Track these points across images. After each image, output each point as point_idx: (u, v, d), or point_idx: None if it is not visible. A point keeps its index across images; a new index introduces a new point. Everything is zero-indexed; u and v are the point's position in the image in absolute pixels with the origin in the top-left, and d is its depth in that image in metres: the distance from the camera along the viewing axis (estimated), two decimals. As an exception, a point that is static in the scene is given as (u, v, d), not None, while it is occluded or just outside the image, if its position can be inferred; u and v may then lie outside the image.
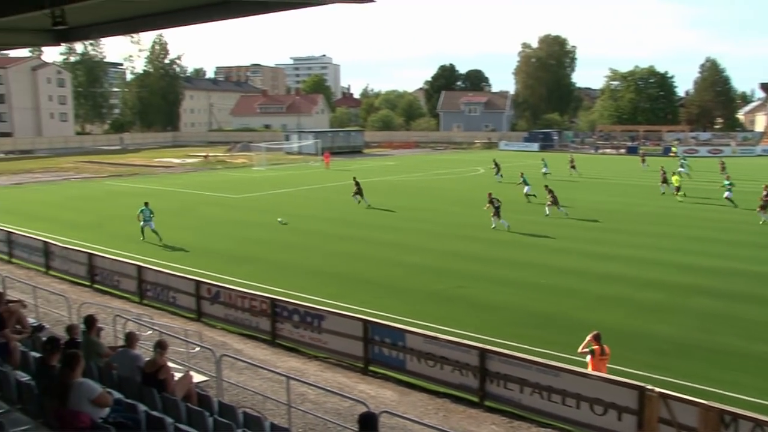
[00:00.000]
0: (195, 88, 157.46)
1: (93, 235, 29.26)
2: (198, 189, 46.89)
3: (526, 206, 36.87)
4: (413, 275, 21.93)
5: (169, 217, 34.79)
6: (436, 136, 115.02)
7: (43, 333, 12.44)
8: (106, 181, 54.55)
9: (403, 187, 47.49)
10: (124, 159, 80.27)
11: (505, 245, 26.57)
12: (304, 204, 38.95)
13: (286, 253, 25.46)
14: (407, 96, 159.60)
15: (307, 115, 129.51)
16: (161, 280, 19.04)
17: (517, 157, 77.23)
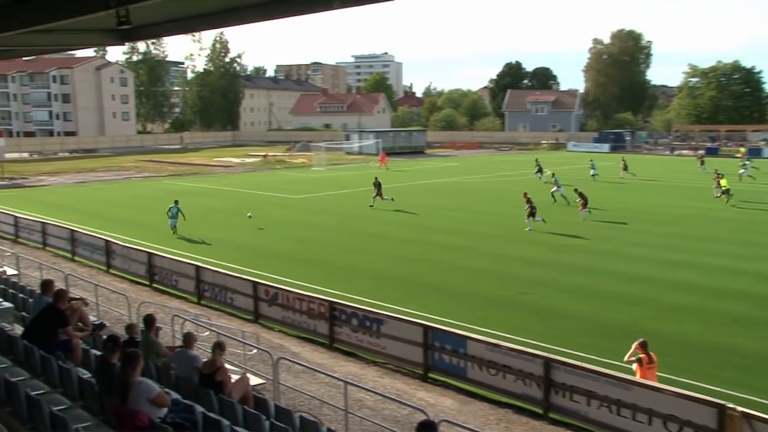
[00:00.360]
0: (255, 86, 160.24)
1: (153, 234, 30.06)
2: (257, 189, 47.67)
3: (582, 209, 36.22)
4: (475, 280, 21.79)
5: (227, 216, 35.51)
6: (500, 137, 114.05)
7: (103, 331, 12.84)
8: (166, 180, 56.00)
9: (466, 189, 47.22)
10: (184, 158, 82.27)
11: (570, 250, 26.14)
12: (363, 205, 39.11)
13: (346, 256, 25.62)
14: (471, 95, 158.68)
15: (368, 114, 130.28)
16: (219, 281, 19.42)
17: (586, 159, 75.77)
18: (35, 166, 71.09)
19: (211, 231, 31.10)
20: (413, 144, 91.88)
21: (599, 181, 49.89)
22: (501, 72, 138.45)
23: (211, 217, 35.25)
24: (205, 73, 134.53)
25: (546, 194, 39.02)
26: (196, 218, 34.80)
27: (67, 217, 33.98)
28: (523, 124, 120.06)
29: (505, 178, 54.66)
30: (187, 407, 8.91)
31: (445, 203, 39.35)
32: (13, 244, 28.27)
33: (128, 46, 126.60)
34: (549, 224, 30.96)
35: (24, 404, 8.36)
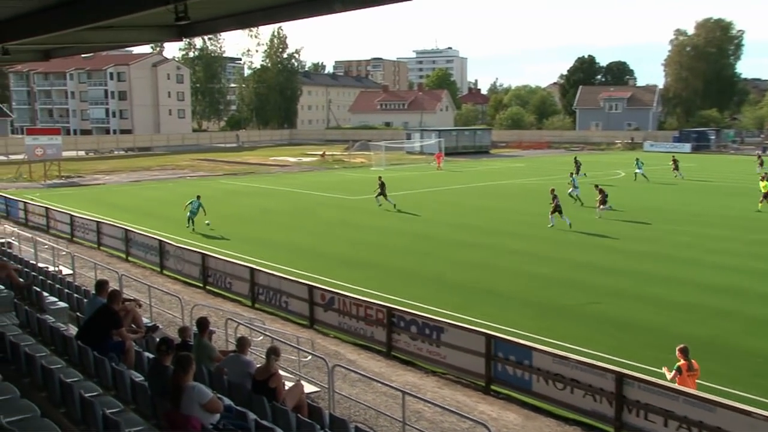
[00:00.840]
0: (313, 83, 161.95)
1: (207, 235, 30.65)
2: (313, 189, 48.12)
3: (648, 213, 35.39)
4: (542, 287, 21.53)
5: (281, 217, 35.97)
6: (571, 136, 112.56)
7: (156, 334, 13.15)
8: (221, 179, 57.04)
9: (532, 191, 46.68)
10: (239, 157, 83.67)
11: (645, 257, 25.58)
12: (424, 207, 39.09)
13: (405, 259, 25.64)
14: (539, 92, 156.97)
15: (431, 112, 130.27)
16: (274, 284, 19.65)
17: (664, 159, 74.09)
18: (91, 164, 73.37)
19: (266, 232, 31.55)
20: (477, 143, 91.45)
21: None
22: (572, 67, 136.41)
23: (265, 218, 35.76)
24: (262, 70, 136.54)
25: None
26: (250, 219, 35.38)
27: (122, 216, 34.97)
28: (595, 122, 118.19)
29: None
30: (240, 414, 9.04)
31: (509, 206, 39.02)
32: (69, 244, 29.21)
33: (185, 42, 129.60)
34: (622, 230, 30.38)
35: (78, 406, 8.62)
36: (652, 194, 44.53)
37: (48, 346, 11.58)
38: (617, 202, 38.03)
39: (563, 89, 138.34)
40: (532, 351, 13.60)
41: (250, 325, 15.76)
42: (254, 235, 30.72)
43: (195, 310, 16.78)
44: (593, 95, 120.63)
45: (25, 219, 35.20)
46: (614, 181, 52.58)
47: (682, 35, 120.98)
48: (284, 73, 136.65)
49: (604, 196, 35.09)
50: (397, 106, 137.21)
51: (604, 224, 32.63)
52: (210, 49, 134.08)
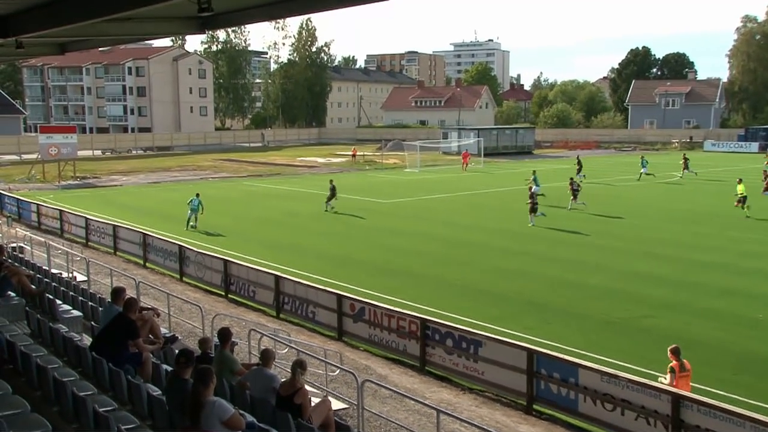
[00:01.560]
0: (344, 78, 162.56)
1: (229, 240, 30.93)
2: (343, 192, 48.09)
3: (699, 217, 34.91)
4: (590, 299, 21.33)
5: (309, 221, 36.13)
6: (622, 135, 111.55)
7: (175, 345, 13.25)
8: (245, 181, 57.48)
9: (585, 194, 46.32)
10: (264, 157, 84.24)
11: (704, 267, 25.22)
12: (461, 212, 39.01)
13: (440, 267, 25.59)
14: (588, 87, 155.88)
15: (469, 109, 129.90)
16: (300, 293, 19.72)
17: (725, 160, 73.09)
18: (108, 164, 74.44)
19: (292, 237, 31.72)
20: (519, 143, 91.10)
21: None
22: (624, 60, 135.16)
23: (292, 222, 35.96)
24: (289, 64, 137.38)
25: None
26: (275, 223, 35.60)
27: (140, 219, 35.41)
28: (650, 119, 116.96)
29: (627, 183, 53.30)
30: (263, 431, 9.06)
31: (549, 210, 38.71)
32: (84, 248, 29.59)
33: (208, 35, 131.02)
34: (681, 238, 30.06)
35: (91, 421, 8.71)
36: (695, 196, 43.92)
37: (61, 357, 11.73)
38: (679, 206, 37.55)
39: (614, 84, 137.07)
40: (578, 368, 13.46)
41: (275, 336, 15.83)
42: (280, 241, 30.89)
43: (216, 320, 16.88)
44: (648, 90, 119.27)
45: (38, 222, 35.81)
46: (669, 185, 51.95)
47: (751, 22, 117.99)
48: (313, 68, 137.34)
49: (575, 189, 38.83)
50: (433, 103, 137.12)
51: (660, 232, 32.25)
52: (234, 42, 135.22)
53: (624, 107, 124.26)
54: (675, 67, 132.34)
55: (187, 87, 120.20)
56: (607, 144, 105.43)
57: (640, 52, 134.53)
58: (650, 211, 37.84)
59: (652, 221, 34.98)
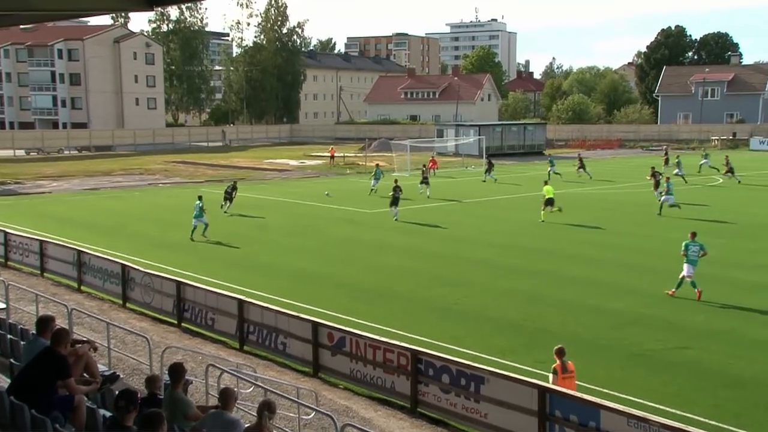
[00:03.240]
0: (320, 66, 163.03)
1: (184, 257, 30.77)
2: (320, 200, 48.13)
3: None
4: (614, 327, 21.32)
5: (280, 236, 36.03)
6: (650, 132, 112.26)
7: (116, 385, 13.09)
8: (203, 187, 57.19)
9: (599, 203, 46.47)
10: (226, 159, 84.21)
11: (753, 289, 25.30)
12: (460, 224, 39.02)
13: (436, 289, 25.53)
14: (610, 75, 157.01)
15: (469, 102, 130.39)
16: (269, 321, 19.60)
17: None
18: (33, 167, 74.12)
19: (260, 254, 31.62)
20: (528, 142, 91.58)
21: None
22: (654, 42, 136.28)
23: (259, 237, 35.84)
24: (255, 48, 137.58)
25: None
26: (240, 238, 35.45)
27: (74, 234, 35.17)
28: (684, 113, 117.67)
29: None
30: (222, 488, 8.94)
31: (569, 221, 38.78)
32: (2, 269, 29.35)
33: (156, 13, 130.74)
34: (724, 254, 30.11)
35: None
36: (739, 203, 44.11)
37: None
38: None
39: (641, 71, 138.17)
40: (600, 409, 13.41)
41: (238, 373, 15.71)
42: (245, 258, 30.79)
43: (167, 354, 16.75)
44: (682, 78, 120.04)
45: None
46: (710, 190, 52.16)
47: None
48: (283, 53, 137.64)
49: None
50: (426, 95, 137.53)
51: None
52: (189, 21, 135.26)
53: (653, 99, 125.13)
54: (715, 50, 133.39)
55: (132, 74, 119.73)
56: (632, 142, 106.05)
57: (673, 32, 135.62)
58: (686, 221, 37.91)
59: (687, 235, 34.99)
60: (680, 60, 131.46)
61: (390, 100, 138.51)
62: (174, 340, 20.18)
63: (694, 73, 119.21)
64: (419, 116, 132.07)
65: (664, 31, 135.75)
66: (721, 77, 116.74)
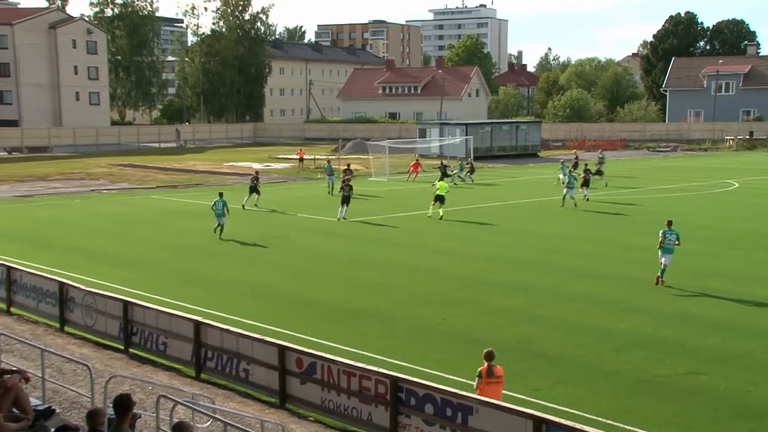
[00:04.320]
0: (288, 57, 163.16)
1: (132, 274, 30.56)
2: (288, 208, 48.04)
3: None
4: (619, 350, 21.35)
5: (244, 248, 35.90)
6: (657, 131, 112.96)
7: (51, 421, 12.96)
8: (154, 194, 57.08)
9: (603, 210, 46.61)
10: (181, 162, 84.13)
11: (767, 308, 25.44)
12: (445, 234, 39.03)
13: (418, 308, 25.48)
14: (612, 67, 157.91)
15: (454, 98, 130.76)
16: (229, 345, 19.46)
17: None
18: (-37, 172, 73.44)
19: (220, 269, 31.46)
20: (521, 142, 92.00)
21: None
22: (661, 30, 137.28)
23: (220, 250, 35.69)
24: (213, 37, 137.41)
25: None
26: (197, 251, 35.34)
27: (3, 248, 34.92)
28: (695, 110, 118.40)
29: (665, 196, 53.82)
30: None
31: (570, 231, 38.88)
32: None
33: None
34: (741, 268, 30.27)
35: None
36: (758, 211, 44.42)
37: None
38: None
39: (647, 63, 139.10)
40: (606, 443, 13.39)
41: (194, 404, 15.59)
42: (203, 275, 30.62)
43: (112, 384, 16.60)
44: (692, 71, 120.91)
45: None
46: (723, 196, 52.42)
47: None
48: (246, 43, 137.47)
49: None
50: (407, 89, 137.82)
51: (711, 259, 32.46)
52: (137, 5, 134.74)
53: (660, 94, 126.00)
54: (730, 40, 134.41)
55: (71, 65, 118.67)
56: (637, 143, 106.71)
57: (683, 19, 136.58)
58: (699, 231, 38.12)
59: (701, 246, 35.21)
60: (691, 50, 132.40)
61: (366, 95, 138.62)
62: (120, 368, 20.01)
63: (706, 65, 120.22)
64: (399, 114, 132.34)
65: (672, 18, 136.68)
66: (736, 69, 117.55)
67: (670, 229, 28.08)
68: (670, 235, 28.03)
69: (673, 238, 28.05)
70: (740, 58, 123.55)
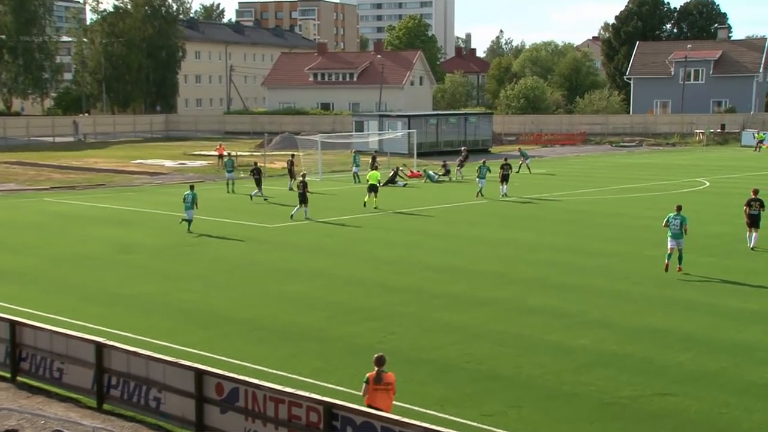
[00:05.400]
0: (204, 39, 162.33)
1: (21, 289, 30.20)
2: (205, 213, 47.77)
3: None
4: (580, 369, 21.46)
5: (156, 259, 35.64)
6: (621, 123, 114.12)
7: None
8: (48, 196, 56.44)
9: (562, 214, 46.98)
10: (80, 159, 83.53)
11: (741, 321, 25.69)
12: (385, 241, 39.15)
13: (357, 324, 25.45)
14: (571, 52, 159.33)
15: (395, 86, 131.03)
16: (137, 370, 19.25)
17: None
18: None
19: (127, 284, 31.14)
20: (471, 137, 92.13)
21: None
22: (624, 12, 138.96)
23: (126, 261, 35.30)
24: (116, 15, 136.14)
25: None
26: (100, 262, 34.99)
27: None
28: (661, 100, 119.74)
29: (630, 197, 54.37)
30: None
31: (520, 237, 39.16)
32: None
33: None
34: (722, 275, 30.61)
35: None
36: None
37: None
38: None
39: (609, 48, 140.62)
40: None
41: (95, 438, 15.45)
42: (106, 289, 30.28)
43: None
44: (659, 57, 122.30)
45: None
46: (696, 195, 53.09)
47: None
48: (155, 22, 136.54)
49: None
50: (342, 77, 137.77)
51: (687, 267, 32.84)
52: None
53: (624, 82, 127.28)
54: (699, 22, 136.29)
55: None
56: (599, 137, 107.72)
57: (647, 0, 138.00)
58: (660, 236, 38.58)
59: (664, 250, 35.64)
60: (657, 34, 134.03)
61: (295, 83, 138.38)
62: (6, 400, 19.69)
63: (674, 51, 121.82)
64: (333, 104, 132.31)
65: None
66: (706, 55, 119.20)
67: (677, 213, 30.38)
68: (674, 220, 30.27)
69: (677, 223, 30.19)
70: (710, 42, 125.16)
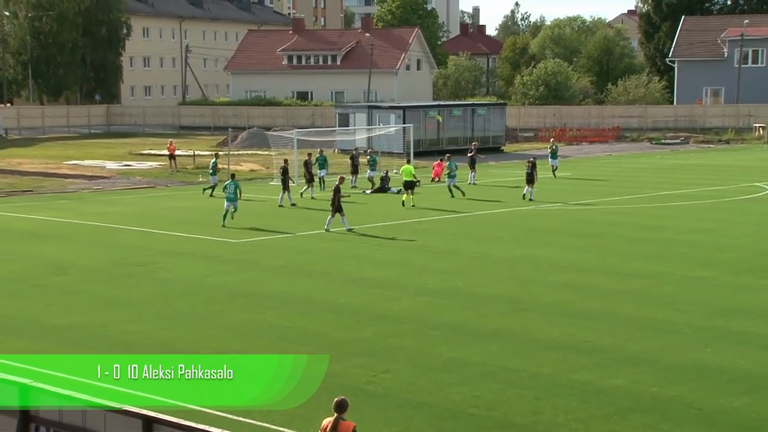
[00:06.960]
0: (154, 13, 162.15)
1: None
2: (155, 226, 47.80)
3: None
4: (612, 417, 21.47)
5: (94, 282, 35.58)
6: (662, 116, 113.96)
7: None
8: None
9: (587, 227, 47.07)
10: (0, 159, 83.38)
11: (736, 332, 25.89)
12: (376, 260, 39.17)
13: (342, 360, 25.36)
14: (600, 29, 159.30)
15: (388, 71, 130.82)
16: (71, 419, 19.28)
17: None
18: None
19: (60, 311, 31.13)
20: (480, 132, 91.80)
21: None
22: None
23: (58, 284, 35.29)
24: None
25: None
26: (26, 285, 34.91)
27: None
28: (712, 87, 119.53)
29: (675, 205, 54.44)
30: None
31: (538, 255, 39.22)
32: None
33: None
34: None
35: None
36: None
37: None
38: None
39: (648, 24, 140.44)
40: None
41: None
42: (33, 320, 30.25)
43: None
44: (709, 35, 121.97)
45: None
46: (756, 203, 53.22)
47: None
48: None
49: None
50: (322, 60, 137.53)
51: (754, 293, 32.89)
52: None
53: (666, 66, 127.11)
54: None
55: None
56: (635, 132, 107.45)
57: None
58: (719, 253, 38.70)
59: (721, 273, 35.70)
60: (706, 7, 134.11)
61: (265, 68, 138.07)
62: None
63: (728, 27, 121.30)
64: (311, 93, 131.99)
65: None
66: (767, 33, 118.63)
67: None
68: None
69: None
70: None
